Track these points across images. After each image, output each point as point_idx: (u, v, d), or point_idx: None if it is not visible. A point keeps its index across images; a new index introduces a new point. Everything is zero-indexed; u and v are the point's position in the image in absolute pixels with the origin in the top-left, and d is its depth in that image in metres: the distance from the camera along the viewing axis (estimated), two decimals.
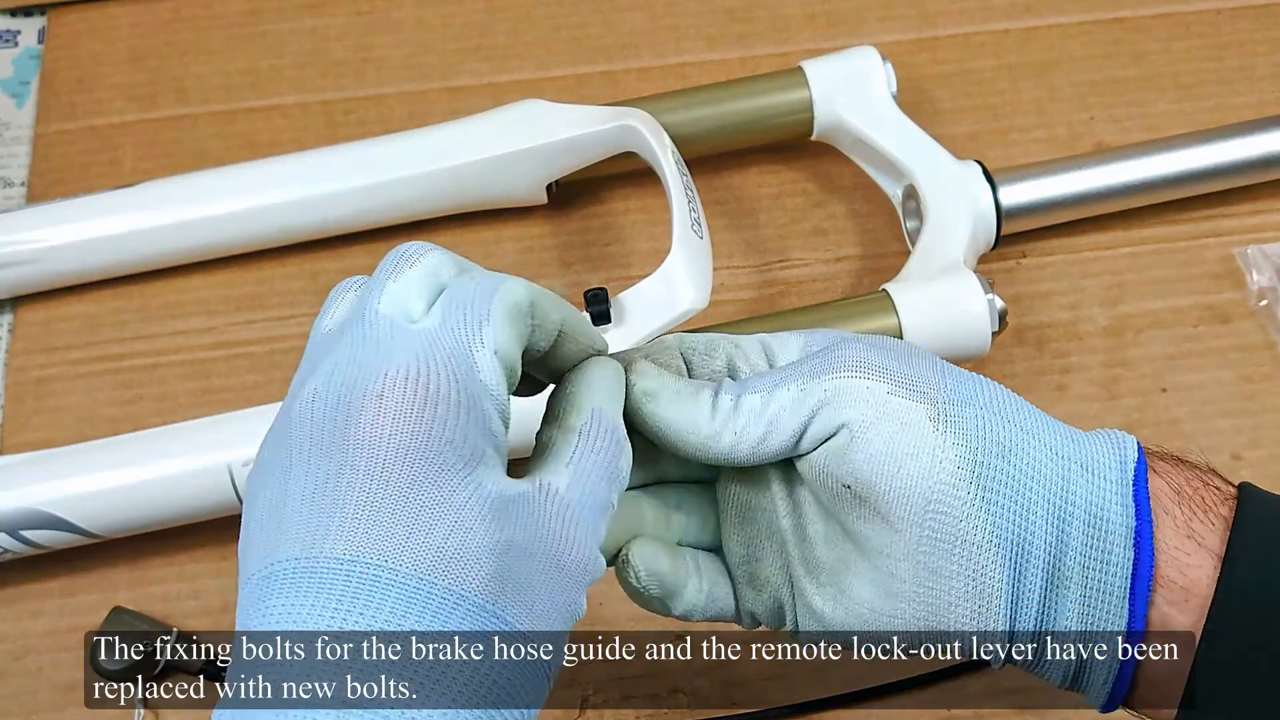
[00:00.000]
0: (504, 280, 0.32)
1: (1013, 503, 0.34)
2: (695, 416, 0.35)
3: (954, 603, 0.35)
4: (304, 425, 0.30)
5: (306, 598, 0.28)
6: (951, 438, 0.34)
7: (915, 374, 0.35)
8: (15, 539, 0.56)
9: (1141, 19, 0.74)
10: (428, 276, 0.33)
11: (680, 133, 0.63)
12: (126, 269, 0.66)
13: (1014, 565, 0.34)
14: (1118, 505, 0.35)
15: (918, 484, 0.34)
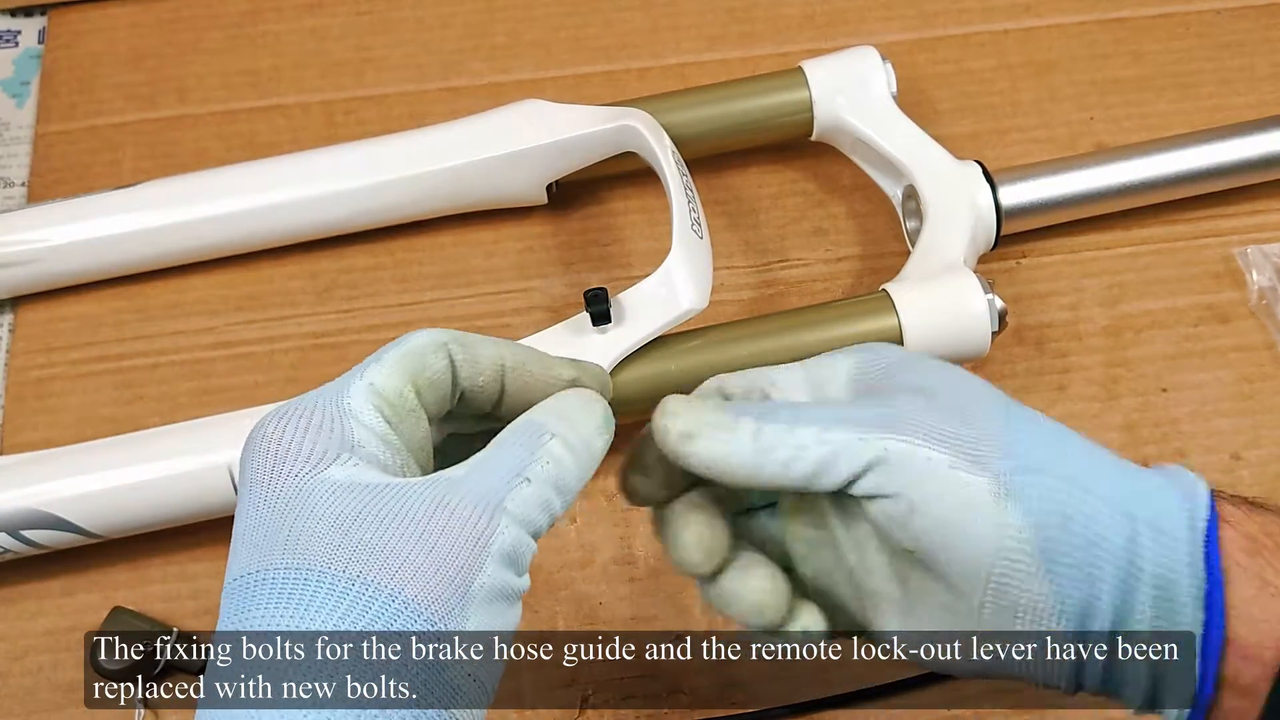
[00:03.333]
0: (414, 333, 0.36)
1: (1077, 571, 0.34)
2: (737, 449, 0.35)
3: (1018, 654, 0.35)
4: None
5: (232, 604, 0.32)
6: (1014, 511, 0.34)
7: (979, 437, 0.34)
8: (15, 539, 0.56)
9: (1141, 19, 0.74)
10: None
11: (680, 133, 0.63)
12: (126, 269, 0.66)
13: (1079, 629, 0.35)
14: (1186, 567, 0.34)
15: (980, 557, 0.34)
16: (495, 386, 0.37)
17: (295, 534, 0.31)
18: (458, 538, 0.32)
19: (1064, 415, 0.62)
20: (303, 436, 0.33)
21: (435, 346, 0.36)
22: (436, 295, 0.67)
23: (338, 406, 0.34)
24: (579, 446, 0.35)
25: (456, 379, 0.36)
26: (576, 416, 0.36)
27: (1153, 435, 0.62)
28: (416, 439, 0.35)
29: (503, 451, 0.34)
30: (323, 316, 0.66)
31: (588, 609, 0.58)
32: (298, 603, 0.31)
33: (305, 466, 0.32)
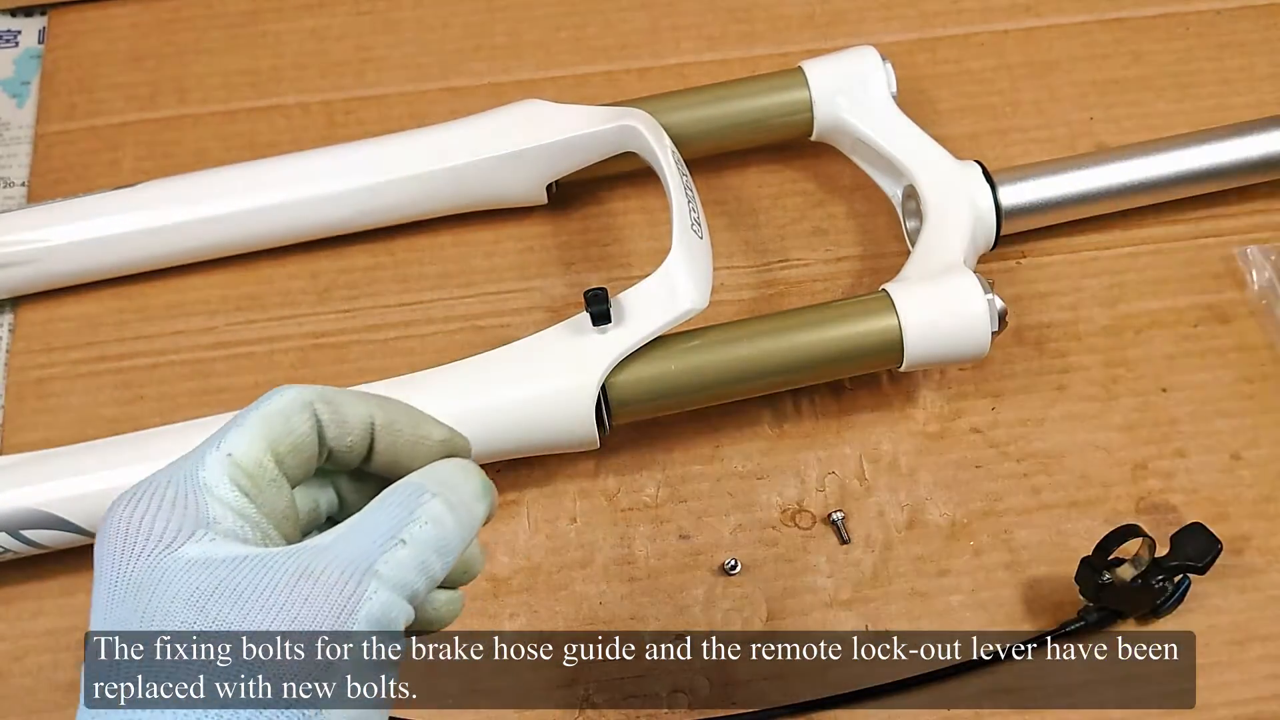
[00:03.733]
0: (279, 390, 0.34)
1: None
2: None
3: None
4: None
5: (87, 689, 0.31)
6: None
7: None
8: (15, 539, 0.56)
9: (1141, 19, 0.74)
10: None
11: (680, 133, 0.63)
12: (127, 269, 0.66)
13: None
14: None
15: None
16: (364, 445, 0.36)
17: (149, 615, 0.31)
18: (321, 606, 0.30)
19: (1064, 415, 0.62)
20: (154, 516, 0.32)
21: (300, 406, 0.34)
22: (436, 295, 0.67)
23: (192, 482, 0.33)
24: (460, 508, 0.34)
25: (323, 439, 0.35)
26: (457, 480, 0.34)
27: (1153, 435, 0.62)
28: (279, 508, 0.34)
29: (377, 514, 0.33)
30: (323, 316, 0.66)
31: (588, 609, 0.58)
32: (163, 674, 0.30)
33: (158, 546, 0.31)
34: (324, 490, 0.37)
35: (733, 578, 0.59)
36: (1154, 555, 0.54)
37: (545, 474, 0.61)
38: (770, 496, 0.60)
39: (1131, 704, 0.55)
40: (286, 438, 0.34)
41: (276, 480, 0.34)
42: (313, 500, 0.37)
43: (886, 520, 0.60)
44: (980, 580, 0.58)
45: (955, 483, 0.61)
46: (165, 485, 0.33)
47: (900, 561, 0.59)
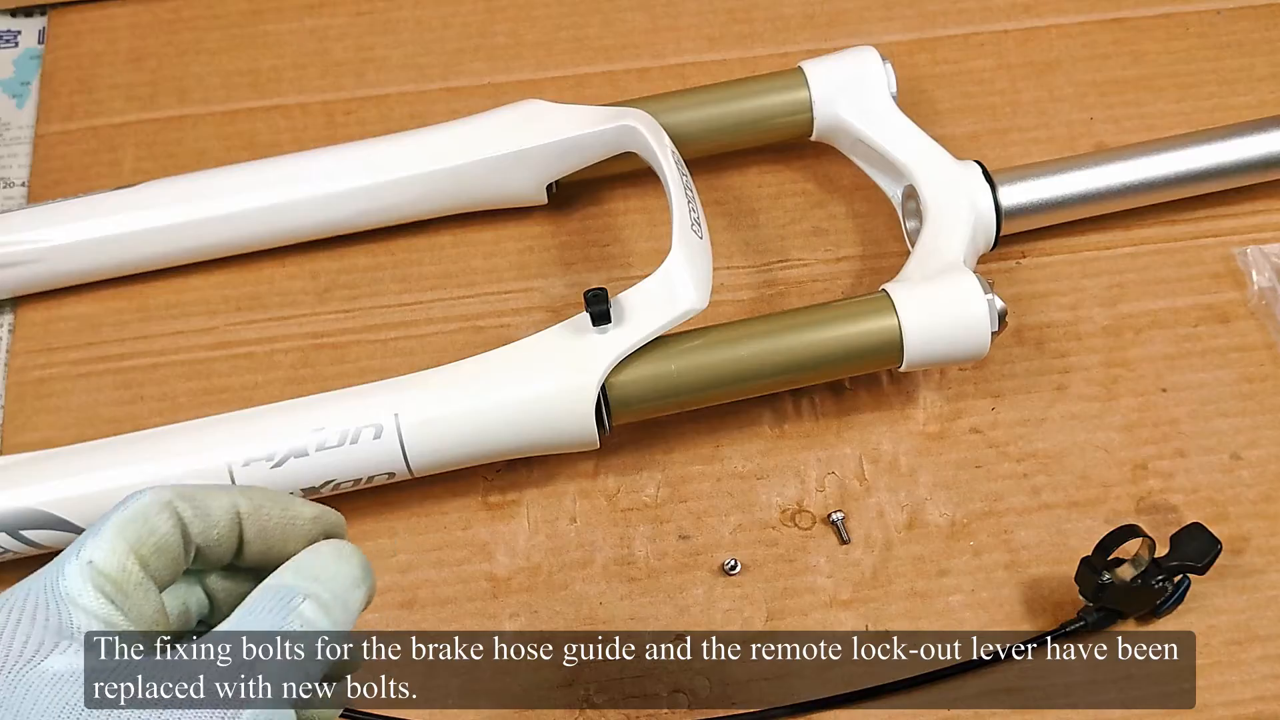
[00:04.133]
0: (136, 494, 0.33)
1: None
2: None
3: None
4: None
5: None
6: None
7: None
8: (15, 539, 0.56)
9: (1141, 19, 0.74)
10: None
11: (680, 133, 0.63)
12: (127, 269, 0.66)
13: None
14: None
15: None
16: (232, 537, 0.35)
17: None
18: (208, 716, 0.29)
19: (1064, 415, 0.62)
20: (13, 630, 0.31)
21: (159, 507, 0.33)
22: (436, 295, 0.67)
23: (53, 592, 0.32)
24: (334, 605, 0.33)
25: (188, 536, 0.34)
26: (330, 571, 0.33)
27: (1153, 435, 0.62)
28: (147, 613, 0.33)
29: (249, 619, 0.32)
30: (323, 317, 0.66)
31: (588, 609, 0.58)
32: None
33: (19, 660, 0.30)
34: (192, 590, 0.36)
35: (733, 578, 0.59)
36: (1154, 555, 0.54)
37: (545, 474, 0.61)
38: (770, 496, 0.60)
39: (1131, 704, 0.55)
40: (149, 539, 0.33)
41: (142, 584, 0.33)
42: (181, 603, 0.36)
43: (886, 520, 0.60)
44: (980, 580, 0.58)
45: (955, 483, 0.61)
46: (24, 598, 0.31)
47: (900, 561, 0.59)
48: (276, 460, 0.56)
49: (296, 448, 0.56)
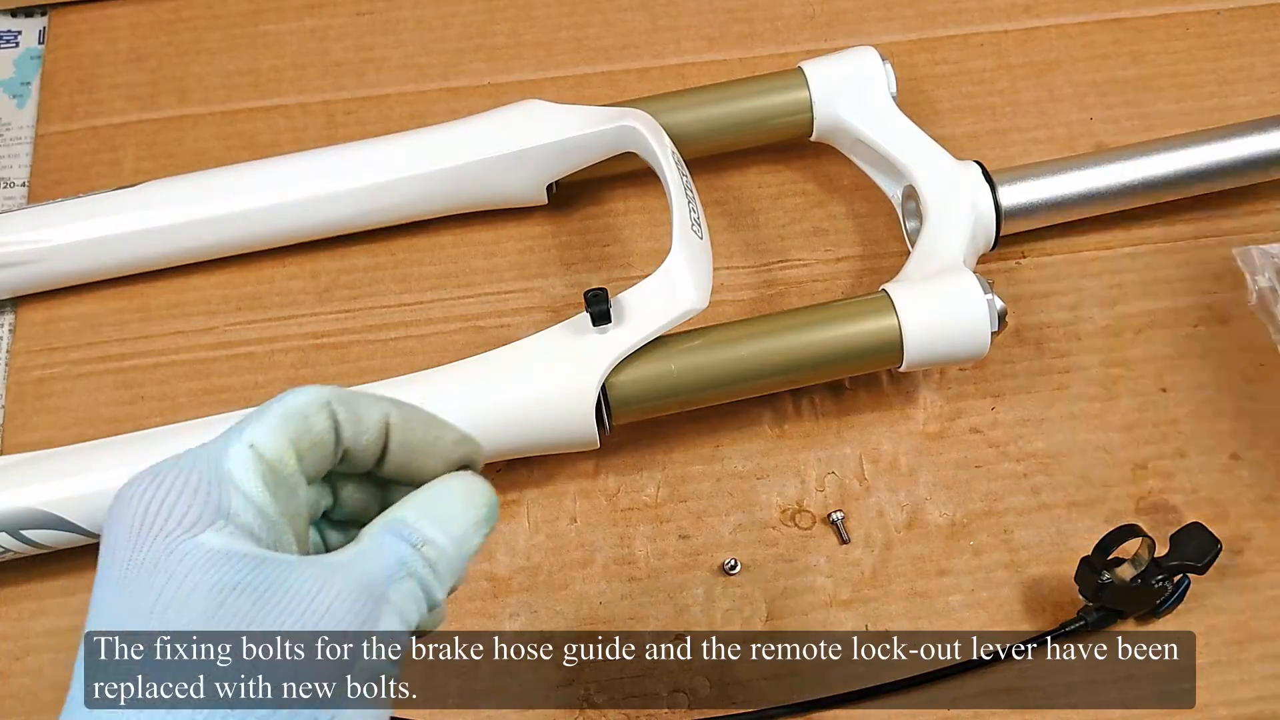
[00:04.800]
0: (296, 390, 0.35)
1: None
2: None
3: None
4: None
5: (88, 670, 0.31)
6: None
7: None
8: (15, 539, 0.56)
9: (1141, 19, 0.74)
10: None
11: (680, 133, 0.63)
12: (127, 269, 0.66)
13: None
14: None
15: None
16: (378, 445, 0.36)
17: (165, 601, 0.30)
18: (341, 620, 0.31)
19: (1064, 415, 0.62)
20: (176, 498, 0.31)
21: (318, 405, 0.34)
22: (436, 295, 0.67)
23: (216, 471, 0.32)
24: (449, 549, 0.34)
25: (340, 438, 0.35)
26: (454, 512, 0.35)
27: (1153, 435, 0.62)
28: (293, 507, 0.34)
29: (383, 543, 0.33)
30: (323, 316, 0.66)
31: (588, 609, 0.58)
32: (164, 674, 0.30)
33: (177, 529, 0.31)
34: (324, 491, 0.37)
35: (733, 578, 0.59)
36: (1154, 555, 0.54)
37: (545, 474, 0.61)
38: (770, 496, 0.61)
39: (1131, 704, 0.55)
40: (306, 435, 0.34)
41: (295, 477, 0.34)
42: (315, 498, 0.37)
43: (886, 520, 0.60)
44: (980, 580, 0.58)
45: (955, 483, 0.61)
46: (189, 470, 0.32)
47: (900, 561, 0.59)
48: None
49: None
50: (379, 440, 0.35)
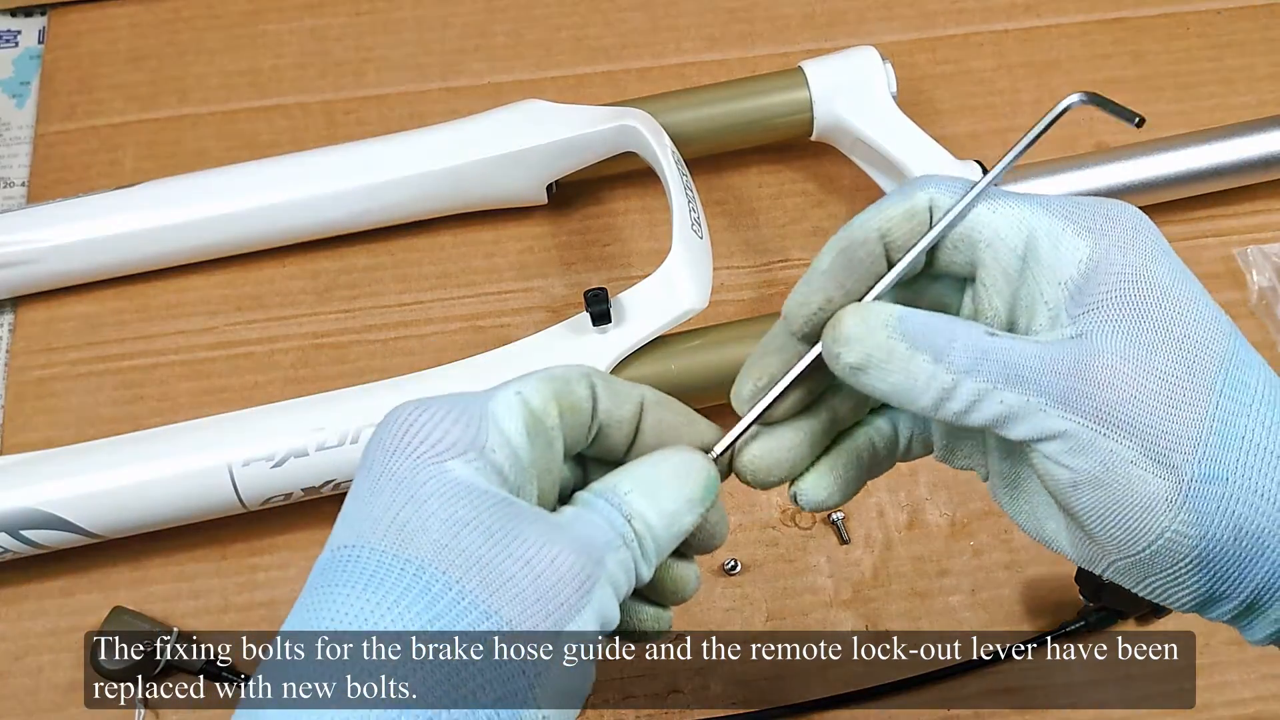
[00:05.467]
0: (556, 366, 0.36)
1: (1227, 573, 0.33)
2: (909, 388, 0.33)
3: (1143, 590, 0.34)
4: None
5: (322, 576, 0.31)
6: (1186, 517, 0.32)
7: (1174, 433, 0.32)
8: (15, 539, 0.56)
9: (1141, 19, 0.74)
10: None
11: (680, 133, 0.63)
12: (127, 269, 0.66)
13: (1210, 601, 0.34)
14: None
15: (1136, 542, 0.33)
16: (633, 425, 0.36)
17: (403, 520, 0.31)
18: (565, 575, 0.31)
19: None
20: (435, 425, 0.32)
21: (580, 375, 0.35)
22: (436, 295, 0.67)
23: (479, 406, 0.33)
24: (658, 525, 0.34)
25: (596, 410, 0.35)
26: (668, 489, 0.34)
27: None
28: (544, 463, 0.34)
29: (598, 508, 0.33)
30: (323, 316, 0.66)
31: None
32: (389, 590, 0.30)
33: (429, 453, 0.32)
34: (577, 472, 0.37)
35: (733, 578, 0.59)
36: None
37: None
38: (770, 496, 0.60)
39: (1131, 704, 0.55)
40: (568, 397, 0.34)
41: (554, 432, 0.34)
42: (567, 472, 0.37)
43: (886, 520, 0.60)
44: (980, 580, 0.58)
45: (955, 483, 0.61)
46: (454, 403, 0.33)
47: (900, 561, 0.59)
48: (276, 460, 0.56)
49: (296, 448, 0.56)
50: (633, 420, 0.36)
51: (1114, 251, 0.34)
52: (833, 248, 0.35)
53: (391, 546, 0.30)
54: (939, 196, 0.35)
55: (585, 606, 0.31)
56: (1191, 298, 0.34)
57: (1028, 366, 0.33)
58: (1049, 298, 0.34)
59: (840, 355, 0.34)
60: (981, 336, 0.33)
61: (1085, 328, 0.33)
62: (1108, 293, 0.33)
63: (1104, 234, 0.34)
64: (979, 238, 0.35)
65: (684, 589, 0.37)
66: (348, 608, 0.29)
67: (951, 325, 0.33)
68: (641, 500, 0.34)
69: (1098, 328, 0.33)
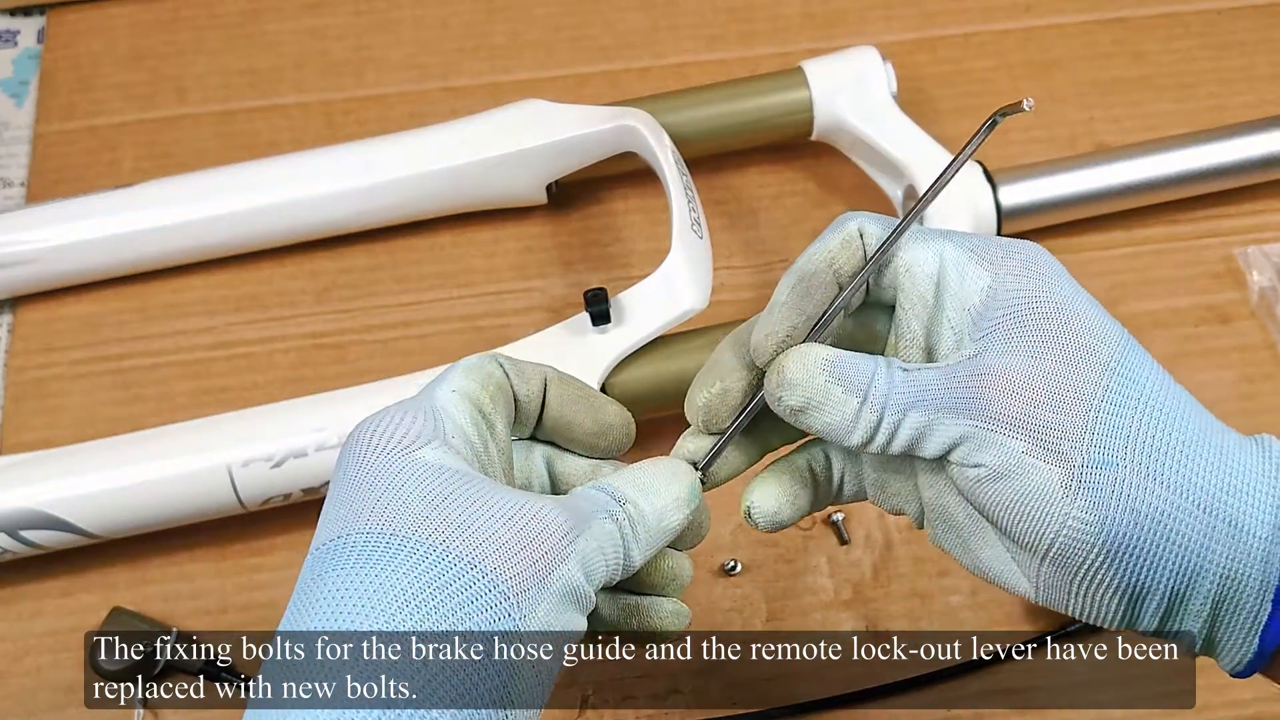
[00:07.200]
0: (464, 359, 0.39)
1: (1138, 562, 0.35)
2: (842, 425, 0.36)
3: (1072, 605, 0.36)
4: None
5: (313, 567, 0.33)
6: (1082, 502, 0.34)
7: (1062, 425, 0.35)
8: (15, 539, 0.56)
9: (1141, 19, 0.74)
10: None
11: (680, 133, 0.63)
12: (126, 269, 0.66)
13: (1131, 601, 0.36)
14: (1258, 566, 0.35)
15: (1044, 536, 0.35)
16: (539, 399, 0.39)
17: (384, 504, 0.33)
18: (546, 525, 0.33)
19: None
20: (398, 424, 0.35)
21: (488, 359, 0.38)
22: (436, 295, 0.67)
23: (429, 404, 0.36)
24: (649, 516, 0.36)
25: (513, 388, 0.38)
26: (658, 487, 0.37)
27: None
28: (496, 443, 0.37)
29: (588, 493, 0.36)
30: (322, 316, 0.66)
31: None
32: (375, 564, 0.31)
33: (398, 447, 0.34)
34: (539, 467, 0.40)
35: (733, 578, 0.59)
36: None
37: None
38: None
39: (1131, 704, 0.55)
40: (490, 381, 0.38)
41: (493, 414, 0.37)
42: (525, 476, 0.40)
43: (887, 520, 0.60)
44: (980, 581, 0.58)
45: None
46: (407, 406, 0.36)
47: (900, 562, 0.59)
48: (276, 460, 0.56)
49: (296, 448, 0.56)
50: (539, 395, 0.39)
51: (1010, 279, 0.37)
52: (788, 282, 0.38)
53: (376, 528, 0.32)
54: (866, 225, 0.38)
55: (569, 555, 0.33)
56: (1081, 312, 0.37)
57: (930, 389, 0.36)
58: (955, 323, 0.37)
59: (783, 399, 0.37)
60: (896, 372, 0.36)
61: (982, 347, 0.36)
62: (1003, 316, 0.36)
63: (1002, 265, 0.37)
64: (900, 265, 0.38)
65: (681, 575, 0.39)
66: (343, 585, 0.31)
67: (874, 365, 0.36)
68: (635, 492, 0.36)
69: (992, 345, 0.36)
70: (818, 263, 0.38)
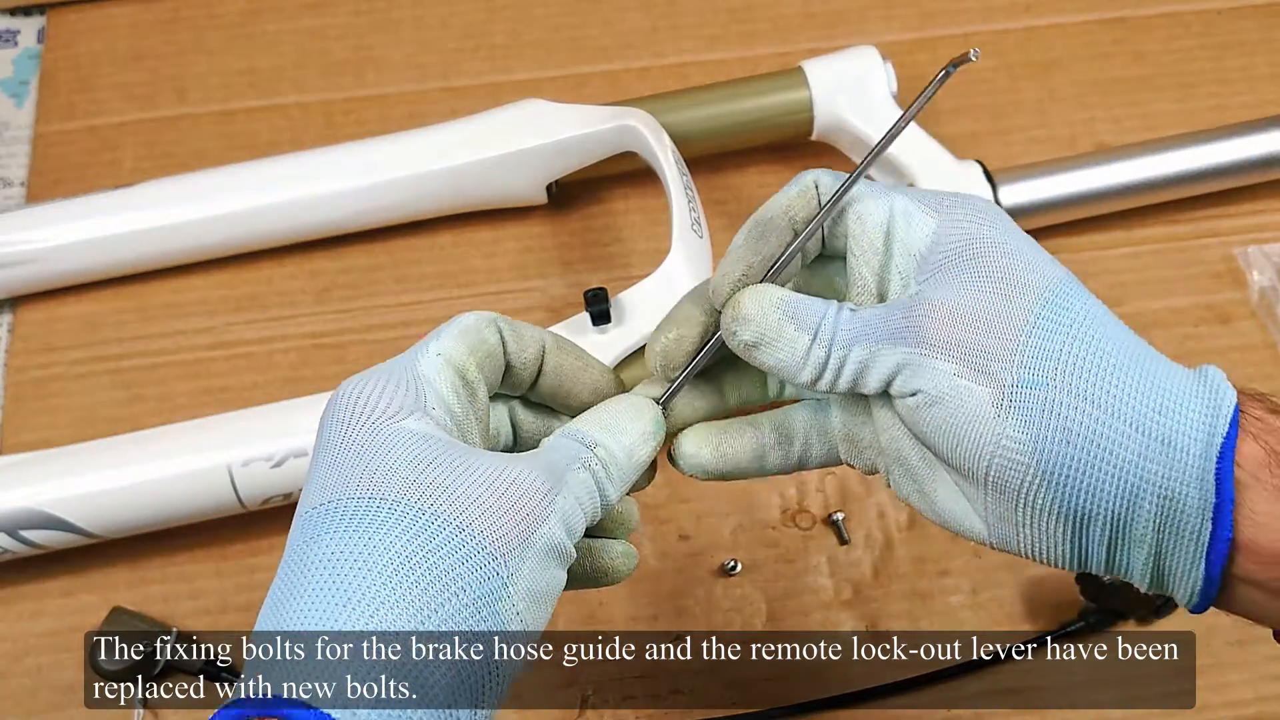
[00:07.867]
0: (464, 315, 0.39)
1: (1075, 483, 0.35)
2: (792, 362, 0.38)
3: (1021, 540, 0.37)
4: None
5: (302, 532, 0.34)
6: (1013, 422, 0.35)
7: (992, 348, 0.36)
8: (15, 539, 0.56)
9: (1141, 19, 0.74)
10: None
11: (680, 133, 0.63)
12: (126, 269, 0.66)
13: (1075, 529, 0.36)
14: (1195, 484, 0.35)
15: (980, 459, 0.36)
16: (536, 364, 0.40)
17: (371, 470, 0.34)
18: (527, 489, 0.34)
19: None
20: (380, 393, 0.36)
21: (487, 323, 0.39)
22: (436, 295, 0.67)
23: (411, 372, 0.36)
24: (620, 455, 0.38)
25: (506, 352, 0.39)
26: (624, 425, 0.38)
27: None
28: (475, 412, 0.38)
29: (559, 443, 0.37)
30: (322, 316, 0.66)
31: (588, 609, 0.58)
32: (367, 528, 0.32)
33: (383, 416, 0.35)
34: (504, 420, 0.41)
35: (733, 578, 0.59)
36: None
37: None
38: (771, 497, 0.60)
39: (1131, 704, 0.55)
40: (481, 347, 0.38)
41: (477, 382, 0.38)
42: (496, 425, 0.40)
43: (887, 520, 0.60)
44: (980, 580, 0.58)
45: None
46: (388, 373, 0.36)
47: (900, 562, 0.59)
48: (276, 460, 0.56)
49: (296, 448, 0.56)
50: (536, 360, 0.39)
51: (953, 225, 0.38)
52: (745, 228, 0.39)
53: (365, 492, 0.33)
54: (822, 178, 0.39)
55: (550, 515, 0.34)
56: (1019, 250, 0.38)
57: (871, 323, 0.37)
58: (902, 268, 0.39)
59: (737, 333, 0.38)
60: (844, 312, 0.38)
61: (923, 286, 0.38)
62: (944, 258, 0.38)
63: (948, 212, 0.39)
64: (852, 215, 0.39)
65: (630, 519, 0.41)
66: (338, 547, 0.32)
67: (825, 306, 0.38)
68: (603, 434, 0.38)
69: (930, 284, 0.37)
70: (774, 210, 0.39)
